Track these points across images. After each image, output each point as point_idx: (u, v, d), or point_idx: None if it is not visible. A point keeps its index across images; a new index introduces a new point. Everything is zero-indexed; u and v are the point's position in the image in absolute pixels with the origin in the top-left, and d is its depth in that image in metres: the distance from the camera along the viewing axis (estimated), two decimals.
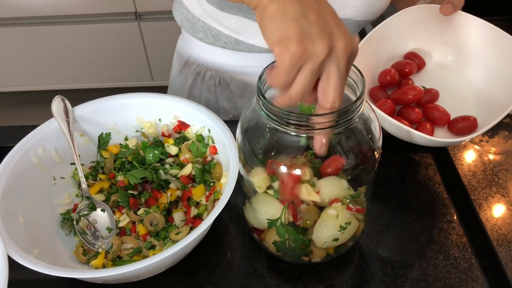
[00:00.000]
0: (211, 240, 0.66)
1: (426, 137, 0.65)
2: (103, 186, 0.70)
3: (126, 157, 0.71)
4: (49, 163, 0.68)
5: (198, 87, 0.93)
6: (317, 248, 0.59)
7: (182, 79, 0.95)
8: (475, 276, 0.62)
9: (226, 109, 0.93)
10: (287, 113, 0.48)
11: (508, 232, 0.65)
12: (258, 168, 0.55)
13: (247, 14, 0.76)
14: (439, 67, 0.80)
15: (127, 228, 0.67)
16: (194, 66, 0.91)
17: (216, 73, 0.89)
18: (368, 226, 0.68)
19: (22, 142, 0.65)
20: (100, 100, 0.72)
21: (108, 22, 2.00)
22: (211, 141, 0.69)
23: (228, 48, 0.83)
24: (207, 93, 0.92)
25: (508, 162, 0.76)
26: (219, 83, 0.90)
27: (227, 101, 0.92)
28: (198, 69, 0.91)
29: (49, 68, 2.17)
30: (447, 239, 0.67)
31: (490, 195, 0.70)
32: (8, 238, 0.55)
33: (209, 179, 0.69)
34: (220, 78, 0.89)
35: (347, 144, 0.53)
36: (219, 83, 0.90)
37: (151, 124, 0.73)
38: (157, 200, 0.69)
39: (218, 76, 0.89)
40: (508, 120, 0.84)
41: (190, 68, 0.92)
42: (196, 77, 0.92)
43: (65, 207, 0.69)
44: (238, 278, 0.63)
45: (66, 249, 0.64)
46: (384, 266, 0.64)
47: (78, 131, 0.71)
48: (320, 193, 0.54)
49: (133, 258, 0.63)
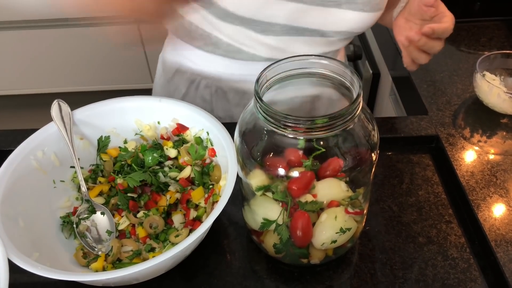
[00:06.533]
0: (210, 242, 0.67)
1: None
2: (103, 189, 0.70)
3: (125, 160, 0.72)
4: (48, 167, 0.68)
5: (192, 96, 0.91)
6: (315, 249, 0.59)
7: (173, 88, 0.93)
8: (473, 277, 0.63)
9: (221, 118, 0.91)
10: (284, 116, 0.49)
11: (506, 232, 0.65)
12: (256, 171, 0.55)
13: (249, 26, 0.75)
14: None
15: (126, 231, 0.67)
16: (188, 75, 0.89)
17: (212, 82, 0.87)
18: (366, 227, 0.68)
19: (21, 146, 0.66)
20: (99, 104, 0.72)
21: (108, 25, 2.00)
22: (209, 143, 0.70)
23: (228, 57, 0.82)
24: (201, 102, 0.90)
25: (506, 163, 0.76)
26: (215, 92, 0.88)
27: (223, 110, 0.91)
28: (192, 77, 0.88)
29: (48, 71, 2.17)
30: (445, 240, 0.67)
31: (488, 196, 0.71)
32: (8, 241, 0.56)
33: (208, 181, 0.70)
34: (217, 87, 0.87)
35: (344, 146, 0.53)
36: (215, 92, 0.88)
37: (150, 127, 0.73)
38: (156, 203, 0.69)
39: (215, 85, 0.87)
40: (506, 120, 0.84)
41: (182, 77, 0.90)
42: (190, 85, 0.90)
43: (65, 210, 0.69)
44: (237, 280, 0.63)
45: (66, 252, 0.64)
46: (382, 267, 0.64)
47: (78, 134, 0.71)
48: (318, 195, 0.54)
49: (133, 260, 0.63)
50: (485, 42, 1.05)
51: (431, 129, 0.82)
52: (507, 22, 1.11)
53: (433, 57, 1.00)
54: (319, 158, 0.53)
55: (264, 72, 0.54)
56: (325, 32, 0.78)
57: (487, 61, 0.87)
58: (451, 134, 0.81)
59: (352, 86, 0.53)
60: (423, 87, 0.92)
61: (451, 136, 0.81)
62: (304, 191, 0.54)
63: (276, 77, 0.56)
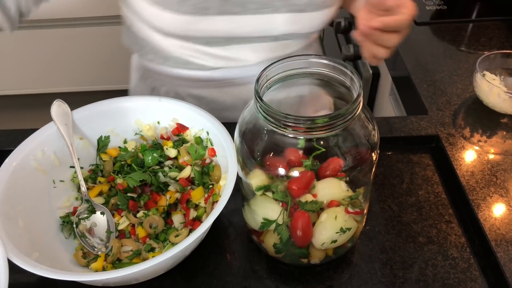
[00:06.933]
0: (210, 242, 0.67)
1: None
2: (103, 189, 0.70)
3: (125, 160, 0.72)
4: (48, 167, 0.68)
5: None
6: (315, 249, 0.59)
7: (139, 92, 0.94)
8: (473, 276, 0.63)
9: None
10: (284, 115, 0.49)
11: (507, 232, 0.65)
12: (256, 170, 0.55)
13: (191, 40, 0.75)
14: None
15: (126, 230, 0.67)
16: (149, 81, 0.90)
17: (170, 88, 0.88)
18: (366, 227, 0.68)
19: (21, 146, 0.66)
20: (99, 104, 0.72)
21: (107, 25, 2.00)
22: (209, 143, 0.70)
23: (179, 68, 0.83)
24: None
25: (506, 162, 0.76)
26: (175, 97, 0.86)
27: None
28: (153, 84, 0.89)
29: (48, 71, 2.16)
30: (445, 240, 0.67)
31: (488, 195, 0.71)
32: (8, 241, 0.55)
33: (208, 181, 0.70)
34: (175, 93, 0.88)
35: (344, 145, 0.53)
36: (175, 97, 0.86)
37: (150, 127, 0.73)
38: (156, 203, 0.69)
39: (173, 91, 0.88)
40: (506, 120, 0.84)
41: (145, 83, 0.91)
42: (152, 91, 0.90)
43: (65, 210, 0.69)
44: (238, 280, 0.63)
45: (66, 252, 0.64)
46: (383, 267, 0.64)
47: (77, 134, 0.71)
48: (318, 195, 0.54)
49: (132, 260, 0.63)
50: (485, 42, 1.05)
51: (431, 129, 0.82)
52: (507, 22, 1.11)
53: (433, 57, 1.01)
54: (319, 158, 0.53)
55: (264, 72, 0.54)
56: (277, 37, 0.78)
57: (487, 61, 0.87)
58: (451, 134, 0.81)
59: (352, 86, 0.53)
60: (423, 87, 0.92)
61: (451, 136, 0.81)
62: (304, 191, 0.54)
63: (276, 76, 0.56)
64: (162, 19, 0.72)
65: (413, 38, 1.07)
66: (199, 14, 0.71)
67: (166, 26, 0.74)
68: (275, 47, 0.80)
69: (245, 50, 0.79)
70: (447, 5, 1.18)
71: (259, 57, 0.81)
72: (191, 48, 0.78)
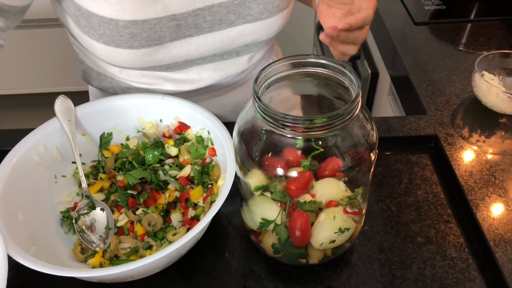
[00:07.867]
0: (209, 242, 0.67)
1: None
2: (103, 185, 0.70)
3: (126, 157, 0.72)
4: (50, 161, 0.68)
5: None
6: (314, 249, 0.59)
7: None
8: (472, 276, 0.63)
9: None
10: (283, 115, 0.49)
11: (505, 232, 0.66)
12: (254, 170, 0.55)
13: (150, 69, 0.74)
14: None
15: (125, 227, 0.67)
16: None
17: None
18: (365, 227, 0.68)
19: (24, 140, 0.66)
20: (102, 100, 0.73)
21: None
22: (210, 142, 0.70)
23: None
24: None
25: (504, 162, 0.76)
26: None
27: None
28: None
29: (49, 70, 2.16)
30: (444, 240, 0.67)
31: (487, 195, 0.71)
32: (6, 235, 0.56)
33: (207, 181, 0.70)
34: None
35: (343, 145, 0.53)
36: None
37: (152, 125, 0.73)
38: (155, 201, 0.69)
39: None
40: (505, 120, 0.84)
41: None
42: None
43: (66, 205, 0.69)
44: (236, 280, 0.63)
45: (65, 247, 0.65)
46: (381, 267, 0.64)
47: (80, 130, 0.72)
48: (316, 195, 0.54)
49: (130, 257, 0.63)
50: (483, 42, 1.05)
51: (429, 129, 0.82)
52: (505, 22, 1.11)
53: (431, 57, 1.01)
54: (318, 158, 0.53)
55: (263, 72, 0.54)
56: (237, 50, 0.76)
57: (485, 60, 0.87)
58: (450, 133, 0.81)
59: (350, 86, 0.53)
60: (421, 87, 0.92)
61: (449, 136, 0.81)
62: (302, 191, 0.54)
63: (274, 76, 0.56)
64: (117, 55, 0.70)
65: (412, 38, 1.07)
66: (153, 45, 0.69)
67: (123, 62, 0.72)
68: (236, 61, 0.79)
69: (207, 70, 0.77)
70: (445, 5, 1.18)
71: (221, 75, 0.79)
72: (151, 76, 0.77)
